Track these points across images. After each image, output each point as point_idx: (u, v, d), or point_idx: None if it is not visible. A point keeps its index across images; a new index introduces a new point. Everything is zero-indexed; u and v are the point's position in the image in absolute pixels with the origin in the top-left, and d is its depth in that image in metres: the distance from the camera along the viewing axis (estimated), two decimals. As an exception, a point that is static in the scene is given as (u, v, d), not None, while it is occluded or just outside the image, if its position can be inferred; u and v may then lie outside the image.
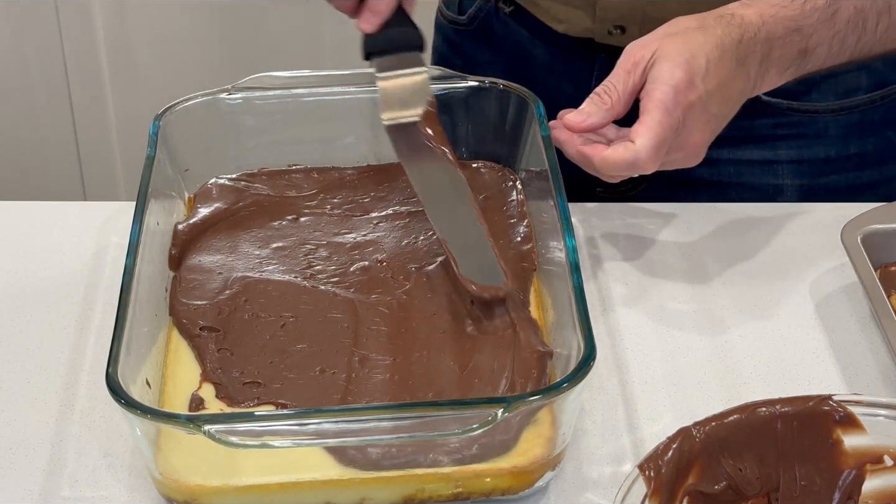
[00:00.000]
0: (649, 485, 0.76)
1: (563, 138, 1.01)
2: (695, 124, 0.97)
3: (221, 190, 1.06)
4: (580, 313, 0.84)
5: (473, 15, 1.27)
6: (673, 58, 0.97)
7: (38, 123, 2.24)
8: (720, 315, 1.01)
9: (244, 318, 0.94)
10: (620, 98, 0.98)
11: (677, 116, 0.96)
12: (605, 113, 0.98)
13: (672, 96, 0.95)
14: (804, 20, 1.01)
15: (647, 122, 0.95)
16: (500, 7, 1.24)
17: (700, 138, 0.98)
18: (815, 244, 1.07)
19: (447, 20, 1.31)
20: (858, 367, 0.96)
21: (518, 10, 1.23)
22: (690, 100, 0.96)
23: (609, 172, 0.97)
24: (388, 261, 0.99)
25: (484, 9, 1.26)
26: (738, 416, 0.81)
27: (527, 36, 1.23)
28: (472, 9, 1.27)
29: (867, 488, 0.81)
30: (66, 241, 1.08)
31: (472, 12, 1.27)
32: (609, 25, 1.15)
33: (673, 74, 0.96)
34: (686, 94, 0.96)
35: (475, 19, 1.27)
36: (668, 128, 0.95)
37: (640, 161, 0.95)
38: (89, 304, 1.01)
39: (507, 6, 1.24)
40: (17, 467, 0.88)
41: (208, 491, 0.83)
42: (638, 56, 0.98)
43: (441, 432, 0.80)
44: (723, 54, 0.97)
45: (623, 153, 0.95)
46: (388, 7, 1.00)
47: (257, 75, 1.05)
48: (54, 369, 0.95)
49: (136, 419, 0.79)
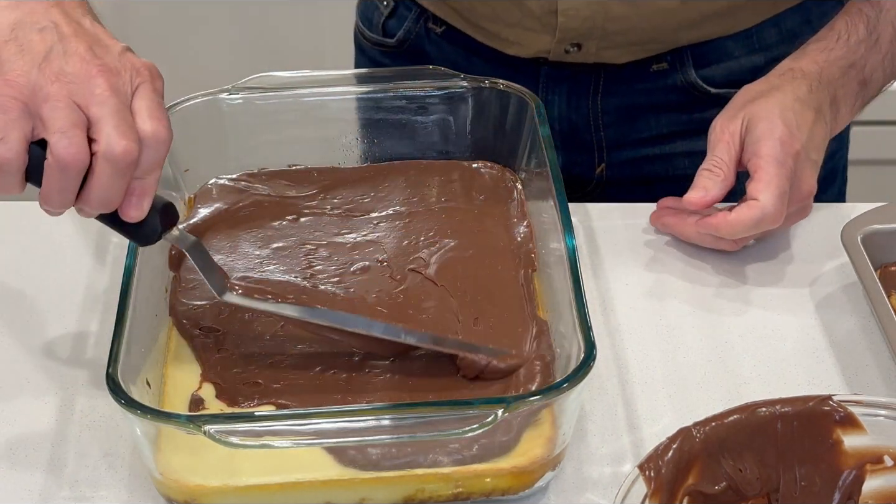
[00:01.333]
0: (649, 485, 0.76)
1: (672, 222, 1.05)
2: (804, 172, 1.01)
3: (221, 190, 1.06)
4: (580, 313, 0.84)
5: (402, 38, 1.24)
6: (766, 116, 1.00)
7: (38, 123, 2.24)
8: (720, 315, 1.01)
9: (244, 318, 0.94)
10: (730, 168, 1.01)
11: (790, 166, 0.99)
12: (721, 184, 1.01)
13: (780, 148, 0.99)
14: (853, 55, 1.05)
15: (763, 177, 0.99)
16: (431, 28, 1.23)
17: (810, 186, 1.02)
18: (815, 244, 1.07)
19: (371, 42, 1.28)
20: (858, 367, 0.96)
21: (450, 30, 1.21)
22: (796, 149, 1.00)
23: (737, 235, 1.00)
24: (388, 261, 0.99)
25: (413, 31, 1.24)
26: (738, 416, 0.81)
27: (463, 54, 1.22)
28: (401, 32, 1.24)
29: (867, 488, 0.81)
30: (66, 241, 1.08)
31: (400, 35, 1.25)
32: (567, 44, 1.16)
33: (773, 130, 0.99)
34: (791, 144, 0.99)
35: (405, 42, 1.25)
36: (784, 178, 0.99)
37: (768, 216, 0.98)
38: (89, 304, 1.01)
39: (439, 27, 1.22)
40: (17, 467, 0.88)
41: (208, 491, 0.83)
42: (731, 127, 1.02)
43: (441, 432, 0.80)
44: (802, 106, 1.02)
45: (749, 213, 0.98)
46: (155, 185, 0.84)
47: (257, 75, 1.05)
48: (54, 369, 0.95)
49: (136, 419, 0.79)
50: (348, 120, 1.09)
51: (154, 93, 0.85)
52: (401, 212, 1.04)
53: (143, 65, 0.86)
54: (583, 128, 1.21)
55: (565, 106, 1.20)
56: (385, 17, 1.26)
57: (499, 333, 0.92)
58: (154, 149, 0.83)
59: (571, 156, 1.23)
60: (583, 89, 1.19)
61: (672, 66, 1.18)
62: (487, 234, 1.01)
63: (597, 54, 1.16)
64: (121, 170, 0.81)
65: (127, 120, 0.82)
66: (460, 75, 1.07)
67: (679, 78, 1.18)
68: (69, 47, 0.83)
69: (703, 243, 1.04)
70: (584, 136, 1.22)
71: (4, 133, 0.80)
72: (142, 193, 0.84)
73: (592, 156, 1.23)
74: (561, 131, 1.21)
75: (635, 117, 1.21)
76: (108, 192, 0.82)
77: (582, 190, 1.23)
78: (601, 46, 1.15)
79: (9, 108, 0.80)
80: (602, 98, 1.20)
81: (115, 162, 0.81)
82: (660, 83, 1.19)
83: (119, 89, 0.83)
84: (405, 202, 1.05)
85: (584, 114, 1.21)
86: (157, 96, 0.85)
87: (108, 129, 0.81)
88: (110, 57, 0.84)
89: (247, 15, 2.18)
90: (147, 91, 0.84)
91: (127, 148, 0.81)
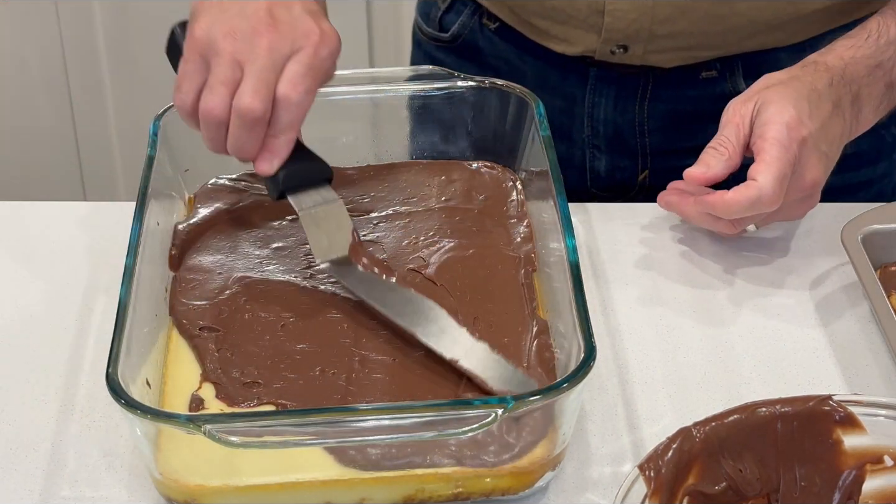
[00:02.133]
0: (649, 485, 0.76)
1: (674, 200, 1.03)
2: (809, 161, 0.99)
3: (221, 190, 1.06)
4: (580, 313, 0.84)
5: (457, 32, 1.26)
6: (778, 101, 0.99)
7: (38, 123, 2.24)
8: (720, 315, 1.01)
9: (244, 318, 0.94)
10: (736, 149, 1.00)
11: (793, 151, 0.98)
12: (724, 163, 1.00)
13: (786, 132, 0.98)
14: (881, 55, 1.04)
15: (765, 159, 0.97)
16: (485, 24, 1.23)
17: (815, 176, 1.00)
18: (815, 244, 1.07)
19: (427, 37, 1.29)
20: (858, 367, 0.96)
21: (504, 27, 1.22)
22: (803, 135, 0.98)
23: (733, 214, 0.99)
24: (387, 261, 0.98)
25: (468, 26, 1.25)
26: (738, 416, 0.81)
27: (515, 52, 1.22)
28: (455, 26, 1.26)
29: (867, 488, 0.81)
30: (66, 241, 1.08)
31: (455, 30, 1.26)
32: (613, 45, 1.15)
33: (782, 114, 0.98)
34: (798, 129, 0.98)
35: (458, 37, 1.26)
36: (786, 162, 0.97)
37: (765, 196, 0.97)
38: (89, 304, 1.01)
39: (493, 23, 1.23)
40: (17, 467, 0.88)
41: (208, 491, 0.83)
42: (742, 110, 1.01)
43: (441, 432, 0.80)
44: (819, 97, 1.00)
45: (746, 192, 0.97)
46: (287, 148, 0.93)
47: (257, 75, 1.05)
48: (54, 369, 0.95)
49: (136, 419, 0.79)
50: (348, 120, 1.09)
51: (310, 58, 0.92)
52: (401, 212, 1.04)
53: (312, 29, 0.93)
54: (628, 133, 1.21)
55: (612, 109, 1.20)
56: (442, 11, 1.27)
57: (499, 333, 0.92)
58: (285, 110, 0.91)
59: (615, 160, 1.23)
60: (630, 93, 1.19)
61: (721, 74, 1.17)
62: (487, 234, 1.01)
63: (643, 57, 1.16)
64: (246, 124, 0.90)
65: (265, 80, 0.90)
66: (460, 75, 1.07)
67: (728, 87, 1.17)
68: (249, 6, 0.92)
69: (703, 224, 1.03)
70: (629, 141, 1.21)
71: (180, 82, 0.93)
72: (273, 151, 0.93)
73: (636, 162, 1.23)
74: (606, 135, 1.21)
75: (681, 125, 1.20)
76: (238, 143, 0.92)
77: (625, 196, 1.23)
78: (648, 49, 1.15)
79: (188, 59, 0.93)
80: (649, 103, 1.19)
81: (240, 116, 0.90)
82: (708, 91, 1.18)
83: (277, 49, 0.91)
84: (405, 202, 1.05)
85: (630, 118, 1.20)
86: (312, 62, 0.92)
87: (245, 86, 0.90)
88: (286, 17, 0.92)
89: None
90: (304, 56, 0.92)
91: (250, 105, 0.90)
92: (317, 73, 0.92)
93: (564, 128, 1.22)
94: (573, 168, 1.24)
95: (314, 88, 0.93)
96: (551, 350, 0.90)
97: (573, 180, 1.24)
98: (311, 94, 0.93)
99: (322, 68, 0.93)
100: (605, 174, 1.24)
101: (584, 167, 1.24)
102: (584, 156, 1.23)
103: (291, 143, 0.93)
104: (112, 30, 2.15)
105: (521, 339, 0.91)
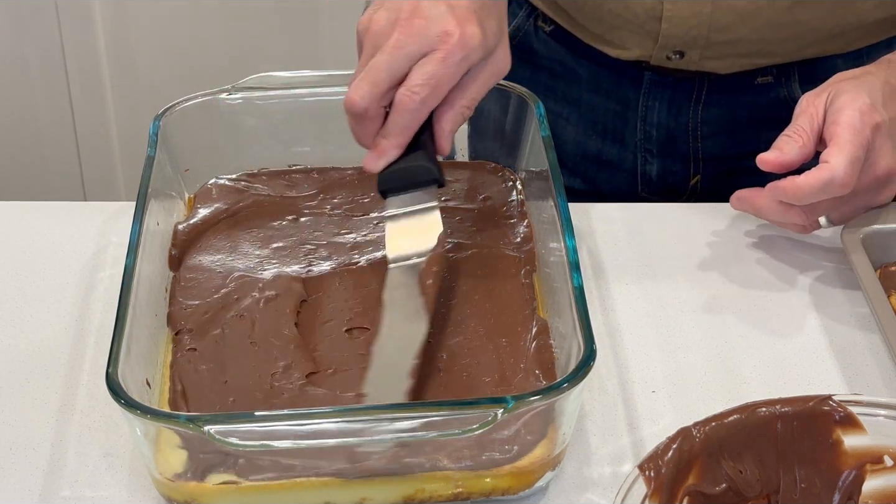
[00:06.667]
0: (649, 485, 0.76)
1: (747, 194, 1.01)
2: (883, 147, 0.98)
3: (221, 190, 1.06)
4: (580, 313, 0.84)
5: (512, 34, 1.23)
6: (850, 90, 0.98)
7: (38, 123, 2.24)
8: (720, 315, 1.01)
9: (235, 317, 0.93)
10: (810, 137, 0.98)
11: (866, 135, 0.96)
12: (798, 150, 0.98)
13: (858, 117, 0.96)
14: None
15: (838, 142, 0.96)
16: (540, 26, 1.23)
17: (889, 164, 0.98)
18: (815, 244, 1.07)
19: None
20: (858, 367, 0.96)
21: (558, 29, 1.22)
22: (877, 121, 0.97)
23: (805, 199, 0.97)
24: (388, 261, 0.98)
25: (523, 28, 1.25)
26: (738, 416, 0.81)
27: (569, 54, 1.22)
28: (511, 27, 1.24)
29: (867, 488, 0.81)
30: (66, 241, 1.08)
31: (510, 31, 1.24)
32: (669, 51, 1.15)
33: (855, 100, 0.97)
34: (871, 115, 0.97)
35: (514, 38, 1.23)
36: (859, 146, 0.96)
37: (837, 178, 0.95)
38: (89, 304, 1.01)
39: (548, 25, 1.23)
40: (17, 467, 0.88)
41: (208, 491, 0.83)
42: (816, 101, 0.99)
43: (441, 432, 0.80)
44: (892, 91, 0.99)
45: (818, 174, 0.95)
46: (395, 150, 0.93)
47: (257, 75, 1.05)
48: (54, 369, 0.95)
49: (136, 419, 0.79)
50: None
51: (438, 62, 0.90)
52: (401, 212, 1.04)
53: (450, 30, 0.90)
54: (680, 137, 1.21)
55: (665, 114, 1.20)
56: None
57: (498, 333, 0.92)
58: (398, 114, 0.91)
59: (667, 164, 1.22)
60: (684, 98, 1.18)
61: (777, 79, 1.17)
62: (487, 234, 1.01)
63: (699, 63, 1.15)
64: (353, 117, 0.92)
65: (373, 77, 0.90)
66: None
67: (783, 92, 1.17)
68: (401, 2, 0.91)
69: (775, 217, 1.01)
70: (682, 145, 1.21)
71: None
72: (379, 151, 0.93)
73: (688, 166, 1.22)
74: (658, 139, 1.21)
75: (735, 130, 1.20)
76: (353, 133, 0.93)
77: (676, 200, 1.22)
78: (704, 56, 1.14)
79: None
80: (703, 108, 1.19)
81: (347, 109, 0.91)
82: (763, 96, 1.17)
83: (402, 47, 0.90)
84: (405, 202, 1.05)
85: (684, 123, 1.20)
86: (438, 69, 0.90)
87: (354, 80, 0.91)
88: (428, 14, 0.90)
89: (247, 15, 2.18)
90: (433, 58, 0.90)
91: (350, 100, 0.91)
92: (442, 79, 0.90)
93: (617, 131, 1.22)
94: (624, 171, 1.23)
95: (436, 96, 0.91)
96: (551, 350, 0.90)
97: (624, 184, 1.24)
98: (430, 103, 0.91)
99: (451, 74, 0.91)
100: (657, 178, 1.23)
101: (636, 171, 1.23)
102: (636, 160, 1.23)
103: (400, 147, 0.92)
104: (112, 30, 2.15)
105: (521, 339, 0.91)
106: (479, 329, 0.92)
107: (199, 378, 0.88)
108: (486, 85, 0.95)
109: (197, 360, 0.90)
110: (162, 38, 2.19)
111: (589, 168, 1.26)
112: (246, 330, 0.92)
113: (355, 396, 0.86)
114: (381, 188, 0.94)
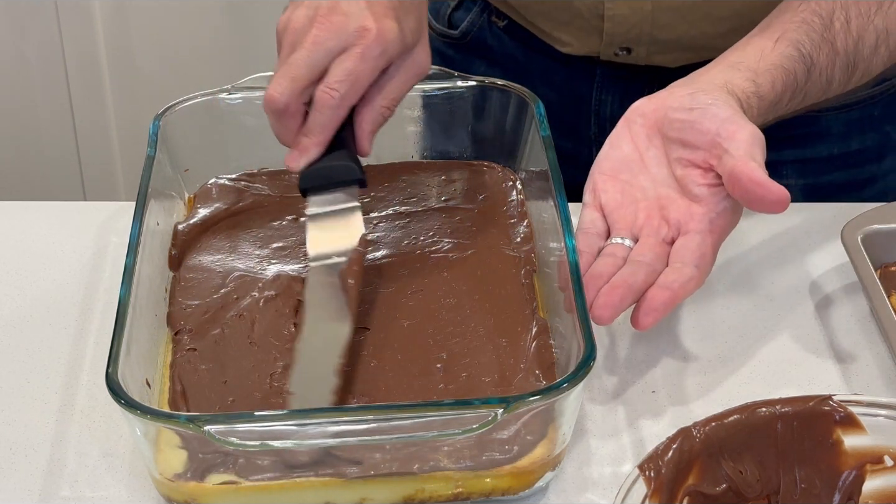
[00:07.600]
0: (649, 485, 0.76)
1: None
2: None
3: (221, 190, 1.06)
4: (580, 313, 0.84)
5: (466, 29, 1.26)
6: None
7: (38, 123, 2.24)
8: (720, 315, 1.01)
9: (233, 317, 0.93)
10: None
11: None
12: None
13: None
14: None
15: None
16: (494, 21, 1.24)
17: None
18: (815, 244, 1.07)
19: (437, 33, 1.29)
20: (858, 367, 0.96)
21: (512, 25, 1.22)
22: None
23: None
24: (388, 261, 0.98)
25: (477, 23, 1.25)
26: (738, 416, 0.81)
27: (522, 49, 1.23)
28: (464, 23, 1.26)
29: (867, 489, 0.81)
30: (66, 241, 1.08)
31: (464, 27, 1.26)
32: (615, 48, 1.15)
33: None
34: None
35: (468, 34, 1.26)
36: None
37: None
38: (89, 304, 1.01)
39: (501, 20, 1.23)
40: (17, 467, 0.88)
41: (208, 491, 0.83)
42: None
43: (441, 432, 0.80)
44: None
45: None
46: (316, 149, 0.92)
47: (257, 75, 1.05)
48: (54, 369, 0.95)
49: (136, 419, 0.79)
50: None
51: (356, 58, 0.90)
52: (400, 212, 1.04)
53: (367, 26, 0.90)
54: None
55: (618, 107, 1.19)
56: (451, 8, 1.27)
57: (498, 333, 0.92)
58: (318, 112, 0.91)
59: None
60: (636, 91, 1.17)
61: None
62: (487, 234, 1.01)
63: (648, 58, 1.16)
64: (274, 114, 0.92)
65: (291, 73, 0.90)
66: (460, 75, 1.07)
67: None
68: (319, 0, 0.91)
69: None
70: None
71: None
72: (301, 149, 0.93)
73: None
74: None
75: None
76: (273, 130, 0.93)
77: None
78: (651, 51, 1.15)
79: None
80: None
81: (266, 106, 0.91)
82: None
83: (323, 43, 0.90)
84: (405, 202, 1.05)
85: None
86: (358, 62, 0.90)
87: (273, 76, 0.91)
88: (346, 11, 0.90)
89: (247, 15, 2.18)
90: (351, 54, 0.90)
91: (270, 96, 0.91)
92: (361, 75, 0.90)
93: (571, 125, 1.22)
94: (579, 165, 1.24)
95: (355, 92, 0.91)
96: (551, 350, 0.90)
97: (580, 177, 1.24)
98: (349, 99, 0.91)
99: (370, 69, 0.91)
100: None
101: (590, 164, 1.24)
102: (591, 153, 1.23)
103: (321, 144, 0.92)
104: (112, 30, 2.15)
105: (521, 339, 0.91)
106: (478, 329, 0.92)
107: (199, 378, 0.88)
108: (406, 84, 0.95)
109: (197, 360, 0.90)
110: (162, 38, 2.19)
111: None
112: (246, 330, 0.92)
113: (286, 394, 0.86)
114: (303, 187, 0.94)
